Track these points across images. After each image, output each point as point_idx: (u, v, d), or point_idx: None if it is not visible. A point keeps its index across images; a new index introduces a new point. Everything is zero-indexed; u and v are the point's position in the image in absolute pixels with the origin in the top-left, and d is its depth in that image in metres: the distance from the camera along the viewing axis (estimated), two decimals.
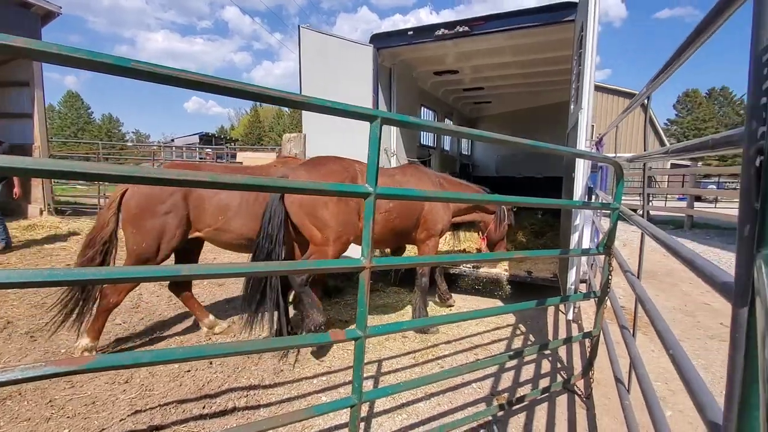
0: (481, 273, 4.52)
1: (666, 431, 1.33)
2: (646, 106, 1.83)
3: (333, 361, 2.99)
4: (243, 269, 1.22)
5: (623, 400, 2.02)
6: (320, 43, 4.60)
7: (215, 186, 1.10)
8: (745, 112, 0.69)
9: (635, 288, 1.80)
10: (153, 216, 2.86)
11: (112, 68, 0.97)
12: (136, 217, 2.86)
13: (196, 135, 30.04)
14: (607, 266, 2.35)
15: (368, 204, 1.35)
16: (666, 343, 1.22)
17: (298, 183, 1.42)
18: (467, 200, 3.01)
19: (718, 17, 0.86)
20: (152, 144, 31.77)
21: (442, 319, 2.24)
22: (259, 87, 1.17)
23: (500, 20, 4.37)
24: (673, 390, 2.64)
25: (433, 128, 1.92)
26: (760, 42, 0.64)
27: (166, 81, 1.00)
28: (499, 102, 9.43)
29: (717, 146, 0.85)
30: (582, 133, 3.24)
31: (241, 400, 2.45)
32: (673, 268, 5.83)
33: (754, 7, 0.67)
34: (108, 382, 2.57)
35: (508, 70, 6.63)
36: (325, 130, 4.44)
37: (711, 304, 4.44)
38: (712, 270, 0.92)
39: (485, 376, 2.82)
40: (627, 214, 2.17)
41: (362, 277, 1.39)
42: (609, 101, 26.69)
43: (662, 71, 1.34)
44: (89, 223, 7.67)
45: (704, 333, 3.67)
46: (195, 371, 2.72)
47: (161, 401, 2.39)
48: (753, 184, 0.63)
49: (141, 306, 3.90)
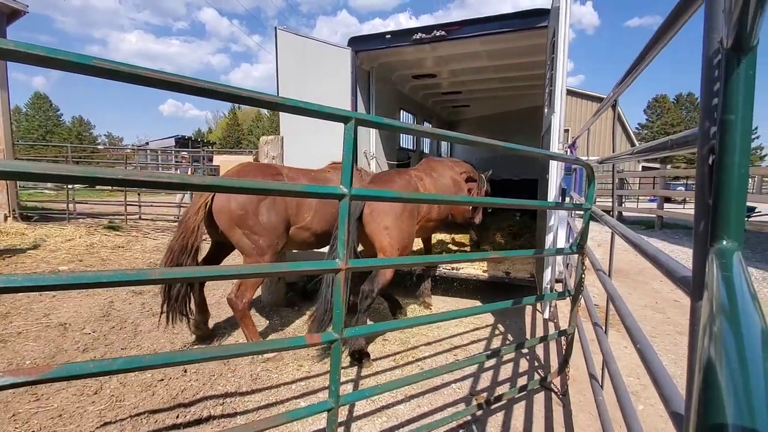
0: (461, 274, 4.56)
1: (637, 425, 1.37)
2: (615, 108, 1.90)
3: (312, 366, 2.95)
4: (218, 272, 1.19)
5: (597, 396, 2.07)
6: (298, 45, 4.57)
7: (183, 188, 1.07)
8: (699, 113, 0.72)
9: (606, 286, 1.86)
10: (259, 214, 2.97)
11: (72, 66, 0.94)
12: (242, 218, 2.94)
13: (171, 138, 29.30)
14: (580, 265, 2.41)
15: (343, 205, 1.35)
16: (634, 338, 1.26)
17: (276, 184, 1.40)
18: (445, 201, 3.04)
19: (674, 23, 0.90)
20: (125, 147, 30.84)
21: (421, 320, 2.24)
22: (230, 87, 1.15)
23: (476, 25, 4.45)
24: (645, 384, 2.73)
25: (407, 130, 1.93)
26: (711, 46, 0.67)
27: (131, 79, 0.97)
28: (476, 105, 9.58)
29: (675, 146, 0.89)
30: (555, 136, 3.33)
31: (216, 409, 2.39)
32: (645, 267, 6.03)
33: (705, 14, 0.71)
34: (76, 394, 2.46)
35: (485, 74, 6.75)
36: (303, 132, 4.40)
37: (680, 301, 4.60)
38: (672, 265, 0.95)
39: (464, 377, 2.84)
40: (598, 215, 2.23)
41: (338, 279, 1.38)
42: (583, 105, 27.49)
43: (627, 75, 1.39)
44: (56, 229, 7.38)
45: (673, 329, 3.81)
46: (168, 380, 2.64)
47: (132, 412, 2.31)
48: (706, 181, 0.66)
49: (112, 314, 3.76)
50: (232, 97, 1.13)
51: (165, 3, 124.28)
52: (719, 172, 0.63)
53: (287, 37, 4.50)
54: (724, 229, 0.60)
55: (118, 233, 7.93)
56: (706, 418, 0.26)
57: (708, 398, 0.27)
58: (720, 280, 0.43)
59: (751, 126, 0.61)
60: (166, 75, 1.01)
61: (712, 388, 0.27)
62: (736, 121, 0.61)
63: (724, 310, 0.34)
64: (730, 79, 0.61)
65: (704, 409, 0.27)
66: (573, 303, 2.51)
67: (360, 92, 5.29)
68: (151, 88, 1.08)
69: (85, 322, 3.52)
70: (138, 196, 9.84)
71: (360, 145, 5.48)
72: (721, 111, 0.63)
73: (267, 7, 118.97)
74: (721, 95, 0.63)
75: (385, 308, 4.22)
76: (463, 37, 4.57)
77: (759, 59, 0.60)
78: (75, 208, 9.57)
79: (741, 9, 0.52)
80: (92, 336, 3.31)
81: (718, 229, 0.61)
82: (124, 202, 9.32)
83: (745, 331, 0.29)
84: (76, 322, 3.53)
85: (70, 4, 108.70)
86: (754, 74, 0.60)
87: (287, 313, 4.03)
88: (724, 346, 0.30)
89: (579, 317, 2.65)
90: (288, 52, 4.49)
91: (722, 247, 0.58)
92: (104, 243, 6.88)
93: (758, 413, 0.22)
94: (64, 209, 9.31)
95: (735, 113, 0.61)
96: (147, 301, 4.15)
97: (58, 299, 4.06)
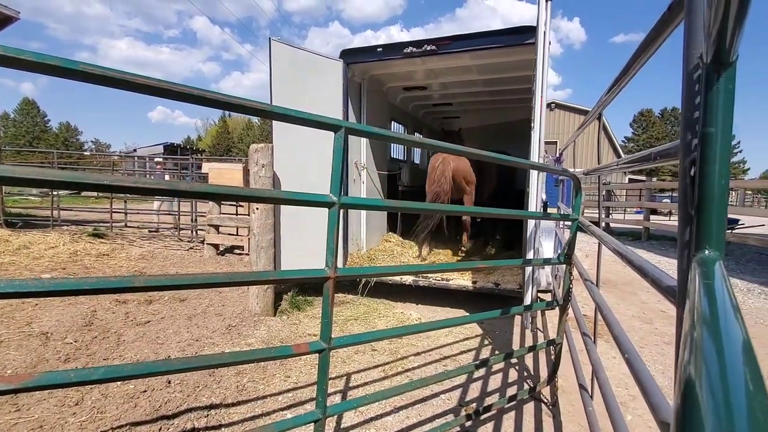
0: (452, 285, 4.56)
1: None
2: (600, 121, 1.94)
3: (300, 376, 2.91)
4: (200, 280, 1.18)
5: (587, 407, 2.07)
6: (291, 55, 4.59)
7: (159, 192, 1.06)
8: (680, 125, 0.73)
9: (594, 296, 1.87)
10: None
11: (60, 71, 0.93)
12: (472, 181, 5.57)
13: (160, 145, 29.00)
14: (568, 275, 2.43)
15: (332, 214, 1.34)
16: (622, 347, 1.27)
17: (265, 192, 1.40)
18: (436, 210, 3.05)
19: (655, 39, 0.93)
20: (113, 153, 30.44)
21: (410, 329, 2.23)
22: (223, 94, 1.15)
23: (466, 41, 4.52)
24: (633, 395, 2.74)
25: (397, 139, 1.94)
26: (691, 61, 0.69)
27: (119, 85, 0.97)
28: (467, 117, 9.69)
29: (659, 158, 0.91)
30: (534, 148, 3.40)
31: (201, 421, 2.33)
32: (632, 278, 6.09)
33: (685, 30, 0.73)
34: (57, 405, 2.38)
35: (475, 87, 6.84)
36: (294, 141, 4.40)
37: (667, 312, 4.66)
38: (658, 275, 0.97)
39: (453, 387, 2.82)
40: (585, 225, 2.26)
41: (326, 288, 1.37)
42: (571, 118, 28.02)
43: (612, 88, 1.42)
44: (40, 236, 7.22)
45: (661, 339, 3.84)
46: (152, 391, 2.58)
47: (114, 424, 2.24)
48: (689, 192, 0.67)
49: (94, 323, 3.67)
50: (222, 105, 1.13)
51: (156, 11, 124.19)
52: (700, 184, 0.64)
53: (281, 47, 4.52)
54: (706, 239, 0.61)
55: (103, 241, 7.78)
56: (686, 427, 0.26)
57: (687, 408, 0.27)
58: (702, 288, 0.44)
59: (730, 138, 0.63)
60: (154, 81, 1.00)
61: (691, 397, 0.27)
62: (716, 134, 0.62)
63: (704, 317, 0.34)
64: (710, 93, 0.62)
65: (684, 419, 0.27)
66: (561, 313, 2.52)
67: (351, 103, 5.32)
68: (139, 95, 1.07)
69: (68, 332, 3.42)
70: (124, 203, 9.69)
71: (351, 156, 5.49)
72: (702, 124, 0.64)
73: (259, 17, 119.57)
74: (702, 109, 0.64)
75: (374, 318, 4.19)
76: (454, 51, 4.64)
77: (739, 73, 0.62)
78: (60, 215, 9.37)
79: (720, 25, 0.54)
80: (74, 345, 3.21)
81: (700, 239, 0.62)
82: (110, 209, 9.16)
83: (724, 337, 0.29)
84: (58, 331, 3.43)
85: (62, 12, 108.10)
86: (733, 88, 0.61)
87: (274, 323, 3.98)
88: (703, 354, 0.30)
89: (568, 327, 2.66)
90: (281, 62, 4.50)
91: (704, 256, 0.59)
92: (88, 251, 6.74)
93: (737, 424, 0.23)
94: (49, 216, 9.12)
95: (715, 126, 0.62)
96: (131, 310, 4.06)
97: (41, 308, 3.95)
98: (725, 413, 0.22)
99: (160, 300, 4.42)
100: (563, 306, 2.49)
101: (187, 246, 7.90)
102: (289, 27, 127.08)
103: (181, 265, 6.41)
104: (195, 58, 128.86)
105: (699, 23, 0.68)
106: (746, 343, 0.29)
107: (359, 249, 5.73)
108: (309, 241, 4.28)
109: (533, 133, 3.48)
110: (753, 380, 0.24)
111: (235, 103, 1.13)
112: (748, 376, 0.24)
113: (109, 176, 0.99)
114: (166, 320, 3.86)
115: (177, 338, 3.45)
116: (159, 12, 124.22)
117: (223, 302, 4.46)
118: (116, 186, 1.01)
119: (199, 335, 3.54)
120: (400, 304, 4.71)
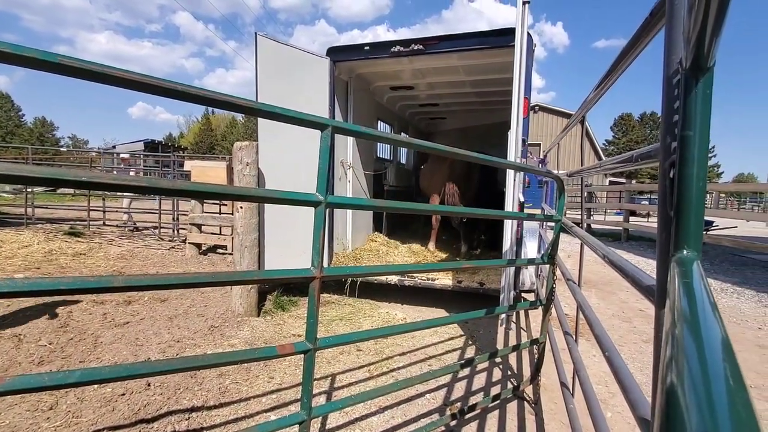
0: (436, 285, 4.59)
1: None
2: (583, 124, 1.97)
3: (284, 377, 2.88)
4: (182, 280, 1.15)
5: (568, 404, 2.10)
6: (277, 52, 4.54)
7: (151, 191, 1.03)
8: (660, 129, 0.75)
9: (576, 295, 1.91)
10: None
11: (37, 63, 0.90)
12: None
13: (140, 142, 28.31)
14: (551, 275, 2.47)
15: (318, 213, 1.33)
16: (602, 346, 1.30)
17: (252, 190, 1.37)
18: (419, 210, 3.06)
19: (636, 44, 0.95)
20: (91, 150, 29.56)
21: (396, 329, 2.23)
22: (207, 90, 1.13)
23: (453, 41, 4.55)
24: (613, 392, 2.80)
25: (384, 138, 1.94)
26: (671, 66, 0.70)
27: (99, 79, 0.94)
28: (453, 118, 9.76)
29: (639, 160, 0.93)
30: (512, 148, 3.46)
31: (181, 424, 2.28)
32: (612, 278, 6.24)
33: (665, 36, 0.75)
34: (30, 410, 2.30)
35: (462, 88, 6.89)
36: (281, 139, 4.35)
37: (645, 311, 4.78)
38: (638, 275, 0.99)
39: (438, 387, 2.84)
40: (568, 226, 2.30)
41: (312, 288, 1.35)
42: (554, 121, 28.53)
43: (594, 92, 1.45)
44: (13, 235, 6.96)
45: (639, 338, 3.94)
46: (130, 394, 2.51)
47: (90, 428, 2.18)
48: (668, 194, 0.69)
49: (70, 325, 3.56)
50: (206, 101, 1.11)
51: (138, 5, 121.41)
52: (679, 185, 0.66)
53: (267, 43, 4.46)
54: (685, 239, 0.63)
55: (80, 240, 7.55)
56: (670, 424, 0.27)
57: (670, 404, 0.28)
58: (681, 287, 0.45)
59: (708, 141, 0.65)
60: (136, 75, 0.98)
61: (674, 393, 0.28)
62: (694, 137, 0.64)
63: (684, 315, 0.35)
64: (689, 97, 0.64)
65: (666, 419, 0.27)
66: (545, 312, 2.56)
67: (338, 102, 5.30)
68: (119, 90, 1.04)
69: (41, 333, 3.31)
70: (102, 201, 9.42)
71: (337, 155, 5.47)
72: (681, 127, 0.66)
73: (244, 14, 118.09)
74: (681, 112, 0.66)
75: (359, 318, 4.18)
76: (441, 51, 4.66)
77: (715, 79, 0.64)
78: (34, 213, 9.05)
79: (699, 32, 0.56)
80: (48, 348, 3.11)
81: (678, 239, 0.64)
82: (87, 207, 8.89)
83: (704, 334, 0.30)
84: (32, 333, 3.32)
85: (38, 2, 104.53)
86: (711, 93, 0.63)
87: (258, 323, 3.93)
88: (685, 351, 0.31)
89: (550, 326, 2.70)
90: (267, 58, 4.45)
91: (683, 256, 0.61)
92: (64, 250, 6.53)
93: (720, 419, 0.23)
94: (22, 213, 8.80)
95: (693, 130, 0.64)
96: (109, 311, 3.95)
97: (13, 309, 3.81)
98: (708, 408, 0.23)
99: (139, 300, 4.31)
100: (546, 306, 2.53)
101: (168, 245, 7.73)
102: (275, 24, 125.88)
103: (162, 265, 6.27)
104: (177, 53, 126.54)
105: (679, 29, 0.70)
106: (725, 339, 0.30)
107: (345, 249, 5.71)
108: (294, 241, 4.24)
109: (510, 134, 3.53)
110: (733, 376, 0.25)
111: (220, 99, 1.12)
112: (728, 372, 0.25)
113: (88, 172, 0.96)
114: (146, 321, 3.78)
115: (157, 339, 3.38)
116: (141, 6, 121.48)
117: (206, 303, 4.38)
118: (95, 183, 0.98)
119: (181, 336, 3.47)
120: (385, 304, 4.72)
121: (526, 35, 3.42)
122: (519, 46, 3.38)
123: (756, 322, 4.50)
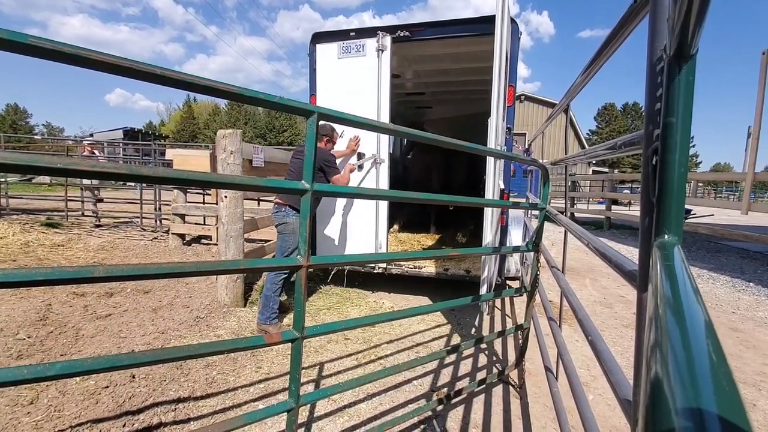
0: (423, 272, 4.62)
1: (589, 413, 1.45)
2: (567, 113, 1.99)
3: (272, 367, 2.88)
4: (166, 270, 1.13)
5: (552, 388, 2.16)
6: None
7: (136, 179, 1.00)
8: (644, 116, 0.76)
9: (560, 282, 1.95)
10: None
11: (6, 44, 0.86)
12: None
13: (119, 130, 27.40)
14: (535, 263, 2.51)
15: (305, 201, 1.32)
16: (585, 330, 1.33)
17: (237, 178, 1.35)
18: (401, 198, 3.06)
19: (621, 32, 0.96)
20: (67, 138, 28.57)
21: (383, 317, 2.24)
22: (190, 75, 1.09)
23: (438, 28, 4.51)
24: (595, 375, 2.89)
25: (370, 126, 1.92)
26: (654, 53, 0.71)
27: (73, 61, 0.90)
28: (439, 107, 9.74)
29: (623, 147, 0.94)
30: (492, 136, 3.46)
31: (168, 415, 2.27)
32: (595, 265, 6.39)
33: (650, 23, 0.75)
34: (9, 405, 2.25)
35: (448, 77, 6.86)
36: None
37: (626, 296, 4.92)
38: (621, 261, 1.01)
39: (425, 373, 2.88)
40: (552, 214, 2.34)
41: (299, 276, 1.35)
42: (540, 110, 28.75)
43: (577, 81, 1.46)
44: None
45: (620, 322, 4.06)
46: (114, 386, 2.48)
47: (73, 422, 2.14)
48: (650, 180, 0.70)
49: (50, 318, 3.48)
50: (187, 85, 1.08)
51: None
52: (661, 171, 0.67)
53: None
54: (666, 224, 0.64)
55: (58, 231, 7.34)
56: (655, 404, 0.27)
57: (656, 382, 0.28)
58: (663, 270, 0.46)
59: (690, 128, 0.66)
60: (113, 58, 0.94)
61: (659, 373, 0.29)
62: (676, 124, 0.65)
63: (667, 297, 0.36)
64: (672, 84, 0.65)
65: (653, 396, 0.28)
66: (529, 299, 2.61)
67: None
68: (95, 75, 1.00)
69: (19, 327, 3.23)
70: (81, 190, 9.15)
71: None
72: (664, 114, 0.67)
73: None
74: (664, 100, 0.67)
75: (347, 307, 4.20)
76: (427, 38, 4.62)
77: (698, 67, 0.65)
78: (8, 203, 8.76)
79: (683, 19, 0.56)
80: (27, 342, 3.04)
81: (660, 224, 0.65)
82: (65, 197, 8.63)
83: (687, 314, 0.31)
84: (9, 326, 3.23)
85: None
86: (693, 80, 0.64)
87: (245, 314, 3.91)
88: (668, 331, 0.32)
89: (535, 312, 2.76)
90: None
91: (664, 240, 0.62)
92: (41, 241, 6.35)
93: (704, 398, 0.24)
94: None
95: (676, 116, 0.65)
96: (90, 303, 3.87)
97: None
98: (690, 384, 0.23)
99: (122, 292, 4.23)
100: (531, 292, 2.58)
101: (151, 236, 7.59)
102: (257, 9, 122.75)
103: (145, 256, 6.15)
104: (156, 38, 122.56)
105: (663, 16, 0.71)
106: (707, 320, 0.31)
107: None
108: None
109: (490, 121, 3.52)
110: (715, 352, 0.26)
111: (205, 84, 1.08)
112: (710, 348, 0.26)
113: (64, 159, 0.92)
114: (129, 313, 3.71)
115: (141, 331, 3.33)
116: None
117: (191, 293, 4.33)
118: (71, 170, 0.95)
119: (165, 328, 3.42)
120: (373, 293, 4.74)
121: (507, 15, 3.35)
122: (499, 22, 3.32)
123: (730, 306, 4.67)
